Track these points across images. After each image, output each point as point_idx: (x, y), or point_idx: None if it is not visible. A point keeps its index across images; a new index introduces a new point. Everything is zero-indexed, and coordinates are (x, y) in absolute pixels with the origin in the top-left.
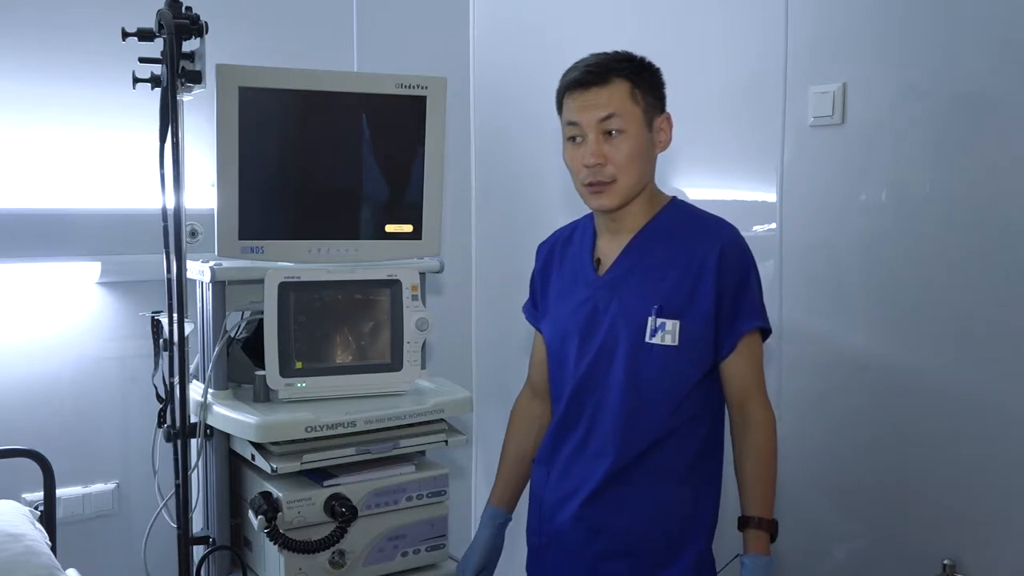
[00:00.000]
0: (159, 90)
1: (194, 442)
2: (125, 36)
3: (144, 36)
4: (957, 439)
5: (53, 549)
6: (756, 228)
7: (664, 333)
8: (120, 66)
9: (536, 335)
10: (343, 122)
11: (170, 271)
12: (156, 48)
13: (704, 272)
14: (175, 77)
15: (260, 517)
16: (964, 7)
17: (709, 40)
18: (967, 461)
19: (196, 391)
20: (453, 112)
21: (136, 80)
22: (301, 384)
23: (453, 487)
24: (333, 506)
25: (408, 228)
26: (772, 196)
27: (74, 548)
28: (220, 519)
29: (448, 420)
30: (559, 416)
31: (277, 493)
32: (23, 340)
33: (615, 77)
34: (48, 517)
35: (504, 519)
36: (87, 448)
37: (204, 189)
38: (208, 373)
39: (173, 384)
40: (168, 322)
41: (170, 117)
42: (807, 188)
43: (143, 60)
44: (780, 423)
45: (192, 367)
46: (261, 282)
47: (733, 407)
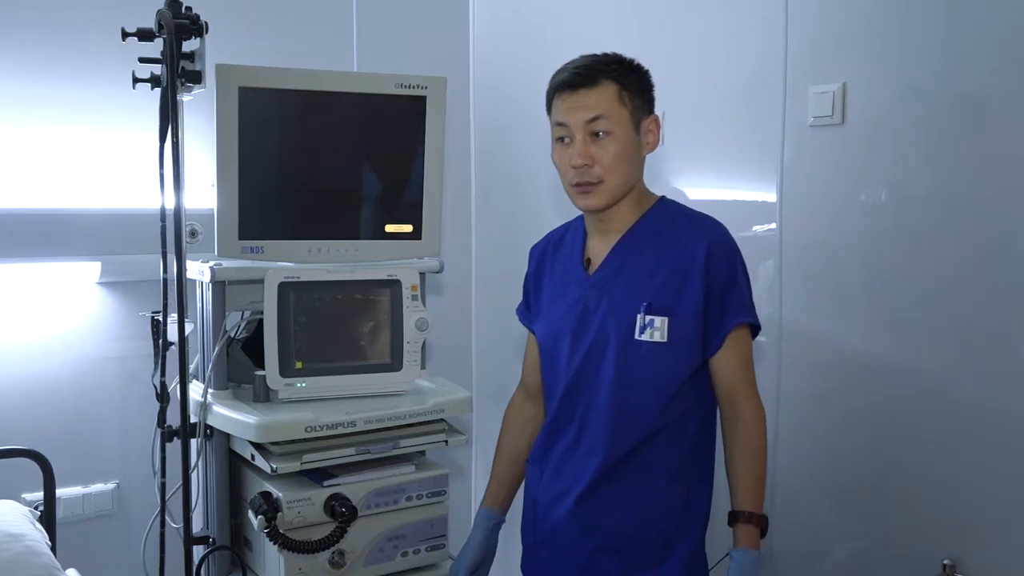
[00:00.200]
0: (159, 90)
1: (194, 442)
2: (125, 36)
3: (144, 36)
4: (957, 439)
5: (53, 549)
6: (756, 228)
7: (653, 330)
8: (120, 66)
9: (529, 337)
10: (343, 122)
11: (167, 271)
12: (156, 48)
13: (692, 269)
14: (175, 77)
15: (260, 517)
16: (964, 7)
17: (709, 40)
18: (967, 461)
19: (196, 391)
20: (453, 112)
21: (136, 80)
22: (301, 384)
23: (453, 487)
24: (333, 506)
25: (408, 228)
26: (772, 196)
27: (74, 548)
28: (220, 519)
29: (448, 420)
30: (552, 416)
31: (277, 493)
32: (23, 340)
33: (603, 79)
34: (48, 517)
35: (497, 520)
36: (87, 448)
37: (204, 189)
38: (208, 373)
39: (164, 384)
40: (164, 321)
41: (170, 117)
42: (807, 188)
43: (143, 60)
44: (779, 423)
45: (192, 367)
46: (261, 282)
47: (723, 403)
